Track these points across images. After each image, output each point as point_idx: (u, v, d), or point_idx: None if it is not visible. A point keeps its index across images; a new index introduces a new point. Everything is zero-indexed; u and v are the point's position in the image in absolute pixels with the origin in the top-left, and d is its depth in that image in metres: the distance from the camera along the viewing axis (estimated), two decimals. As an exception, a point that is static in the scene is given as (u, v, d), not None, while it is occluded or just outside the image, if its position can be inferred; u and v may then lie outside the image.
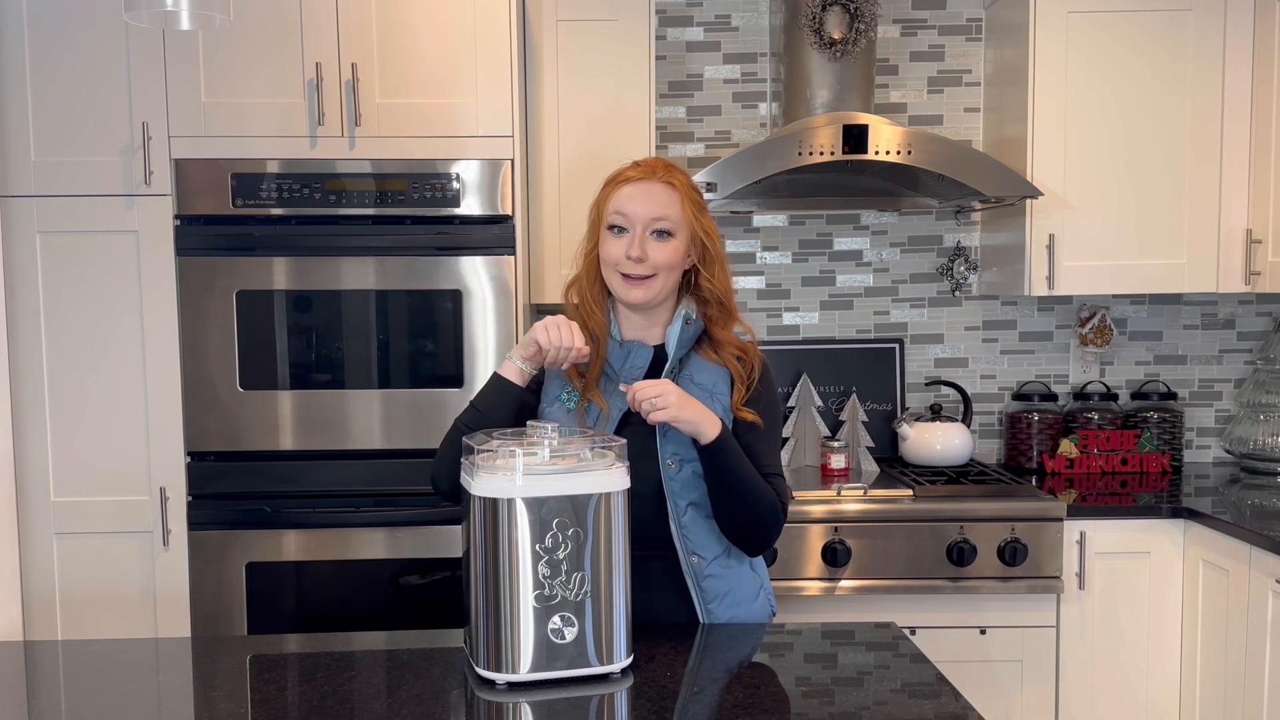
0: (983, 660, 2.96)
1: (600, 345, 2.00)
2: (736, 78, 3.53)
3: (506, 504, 1.64)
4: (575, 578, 1.65)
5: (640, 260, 1.94)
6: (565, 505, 1.64)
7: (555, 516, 1.64)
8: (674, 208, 1.96)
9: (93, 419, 2.81)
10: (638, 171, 1.98)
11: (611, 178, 2.02)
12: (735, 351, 2.02)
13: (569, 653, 1.66)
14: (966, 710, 1.60)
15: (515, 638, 1.65)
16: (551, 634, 1.65)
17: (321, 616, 2.84)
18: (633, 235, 1.95)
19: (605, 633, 1.68)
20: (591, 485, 1.66)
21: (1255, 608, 2.66)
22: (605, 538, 1.67)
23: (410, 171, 2.79)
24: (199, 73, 2.75)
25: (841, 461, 3.27)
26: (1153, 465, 3.41)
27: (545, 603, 1.65)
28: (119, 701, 1.74)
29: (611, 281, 1.99)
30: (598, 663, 1.68)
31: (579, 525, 1.65)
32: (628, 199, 1.96)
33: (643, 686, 1.69)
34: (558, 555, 1.65)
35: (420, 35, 2.78)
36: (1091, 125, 3.18)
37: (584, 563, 1.66)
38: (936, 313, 3.59)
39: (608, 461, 1.70)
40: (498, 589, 1.65)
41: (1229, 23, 3.14)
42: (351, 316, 2.81)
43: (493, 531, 1.65)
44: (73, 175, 2.76)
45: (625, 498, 1.70)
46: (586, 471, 1.67)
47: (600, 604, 1.67)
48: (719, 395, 1.98)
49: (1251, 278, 3.18)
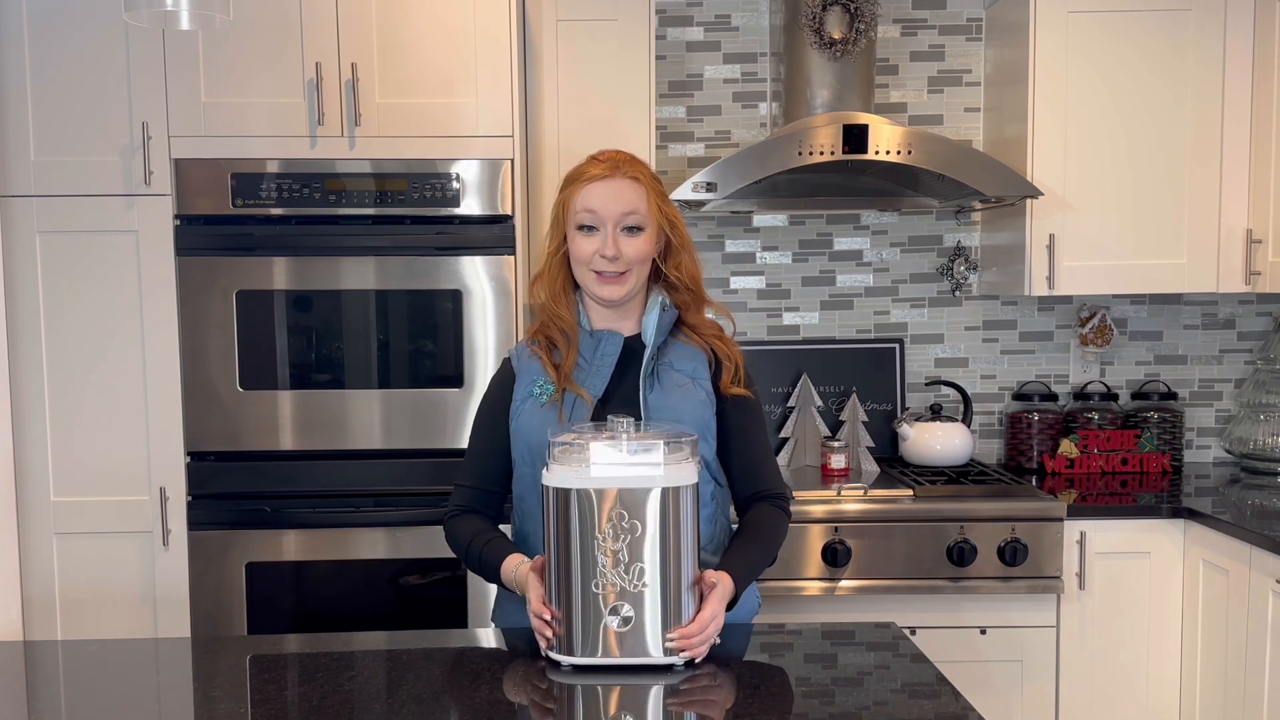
0: (983, 660, 2.95)
1: (571, 339, 1.99)
2: (736, 78, 3.53)
3: (573, 495, 1.69)
4: (634, 569, 1.69)
5: (615, 258, 1.93)
6: (626, 498, 1.68)
7: (615, 508, 1.68)
8: (641, 202, 1.95)
9: (93, 419, 2.81)
10: (601, 168, 1.96)
11: (574, 175, 1.99)
12: (714, 333, 2.03)
13: (628, 642, 1.70)
14: (966, 710, 1.60)
15: (579, 622, 1.70)
16: (611, 622, 1.69)
17: (321, 616, 2.84)
18: (604, 234, 1.93)
19: (671, 626, 1.71)
20: (653, 479, 1.69)
21: (1255, 608, 2.66)
22: (668, 531, 1.70)
23: (410, 171, 2.79)
24: (199, 73, 2.75)
25: (841, 461, 3.26)
26: (1153, 465, 3.41)
27: (604, 591, 1.69)
28: (119, 701, 1.74)
29: (585, 279, 1.97)
30: (660, 654, 1.71)
31: (637, 518, 1.68)
32: (595, 197, 1.94)
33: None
34: (616, 546, 1.68)
35: (420, 35, 2.78)
36: (1091, 125, 3.17)
37: (642, 554, 1.68)
38: (936, 313, 3.59)
39: (678, 456, 1.72)
40: (568, 576, 1.70)
41: (1229, 22, 3.14)
42: (351, 316, 2.81)
43: (564, 520, 1.70)
44: (73, 175, 2.76)
45: (693, 493, 1.72)
46: (652, 465, 1.70)
47: (661, 596, 1.69)
48: (700, 379, 1.98)
49: (1252, 278, 3.18)
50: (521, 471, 1.99)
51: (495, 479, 2.03)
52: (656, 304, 2.00)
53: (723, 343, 2.02)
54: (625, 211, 1.94)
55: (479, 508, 2.02)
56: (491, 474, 2.03)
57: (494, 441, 2.01)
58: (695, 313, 2.04)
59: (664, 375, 1.96)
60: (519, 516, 2.04)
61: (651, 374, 1.96)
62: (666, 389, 1.95)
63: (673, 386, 1.96)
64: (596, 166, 1.97)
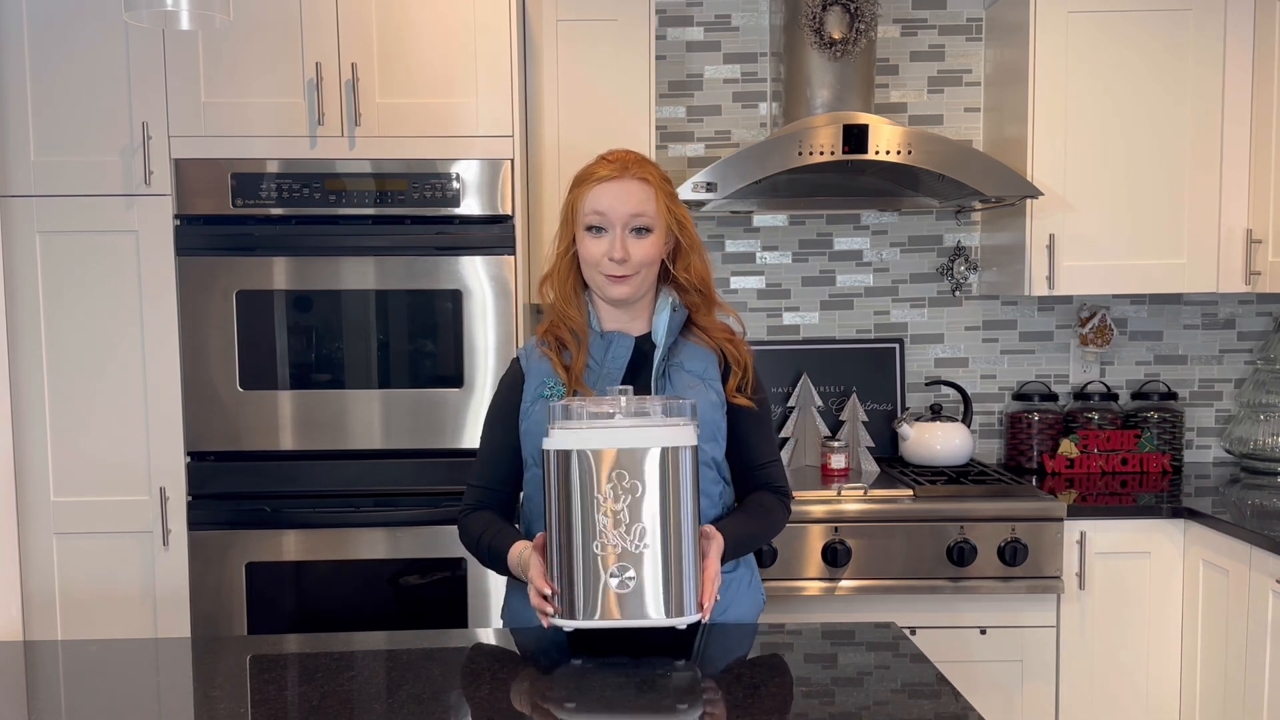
0: (983, 660, 2.95)
1: (582, 340, 1.98)
2: (736, 78, 3.53)
3: (572, 455, 1.69)
4: (635, 529, 1.68)
5: (624, 261, 1.92)
6: (625, 458, 1.68)
7: (615, 469, 1.68)
8: (650, 203, 1.94)
9: (93, 419, 2.81)
10: (610, 169, 1.95)
11: (583, 175, 1.98)
12: (725, 335, 2.03)
13: (630, 604, 1.69)
14: (966, 710, 1.60)
15: (580, 586, 1.70)
16: (611, 584, 1.69)
17: (321, 616, 2.84)
18: (613, 235, 1.93)
19: (673, 586, 1.70)
20: (651, 439, 1.69)
21: (1255, 608, 2.66)
22: (668, 491, 1.69)
23: (410, 171, 2.79)
24: (199, 73, 2.76)
25: (841, 461, 3.26)
26: (1153, 465, 3.41)
27: (605, 552, 1.69)
28: (119, 701, 1.74)
29: (595, 280, 1.97)
30: (661, 615, 1.70)
31: (637, 478, 1.68)
32: (604, 198, 1.93)
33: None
34: (617, 506, 1.68)
35: (420, 35, 2.78)
36: (1091, 125, 3.17)
37: (642, 514, 1.68)
38: (936, 313, 3.59)
39: (677, 419, 1.72)
40: (570, 539, 1.70)
41: (1229, 22, 3.14)
42: (351, 316, 2.81)
43: (564, 483, 1.70)
44: (73, 175, 2.76)
45: (692, 455, 1.72)
46: (650, 427, 1.70)
47: (662, 557, 1.69)
48: (710, 380, 1.98)
49: (1252, 278, 3.18)
50: (533, 472, 1.98)
51: (506, 479, 2.02)
52: (667, 305, 2.00)
53: (733, 345, 2.02)
54: (634, 213, 1.93)
55: (491, 506, 2.02)
56: (502, 474, 2.02)
57: (504, 442, 2.01)
58: (706, 314, 2.03)
59: (675, 376, 1.96)
60: (529, 517, 2.04)
61: (663, 375, 1.96)
62: (678, 390, 1.96)
63: (684, 388, 1.96)
64: (605, 167, 1.96)
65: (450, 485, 2.78)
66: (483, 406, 2.16)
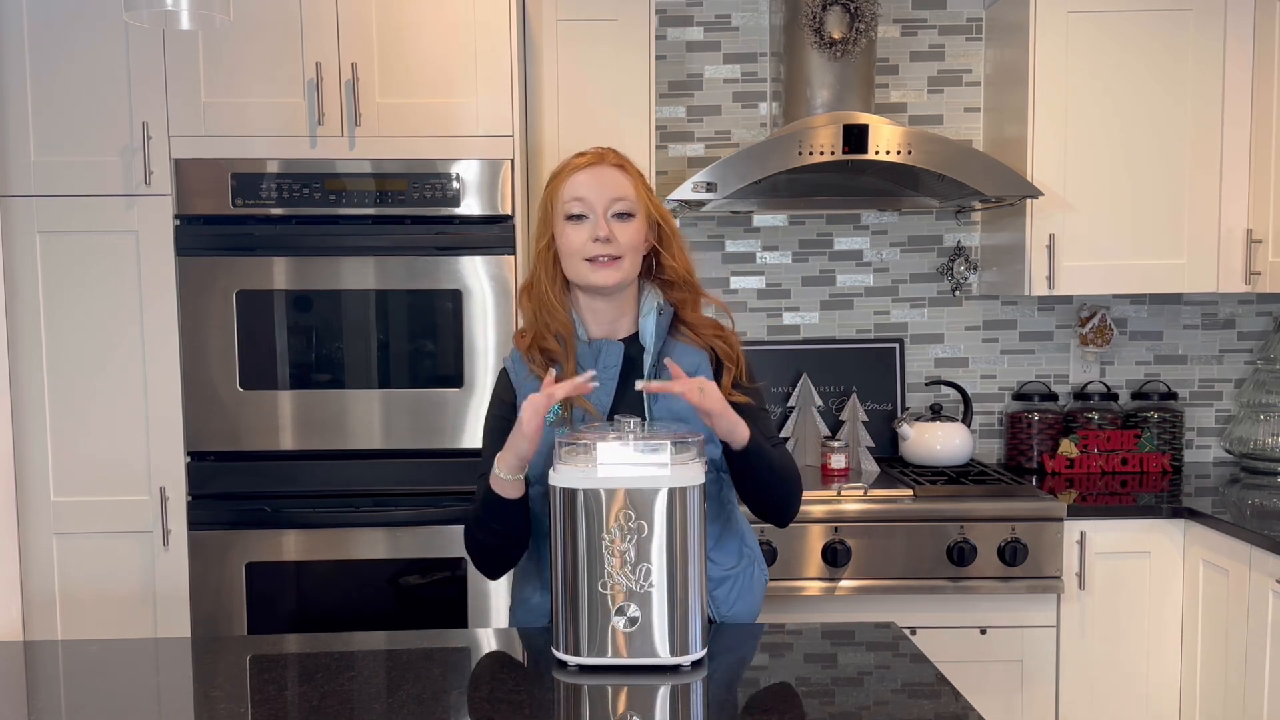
0: (983, 660, 2.95)
1: (569, 346, 1.94)
2: (736, 78, 3.53)
3: (579, 495, 1.69)
4: (641, 569, 1.69)
5: (609, 240, 1.90)
6: (632, 498, 1.68)
7: (622, 509, 1.68)
8: (629, 188, 1.93)
9: (93, 419, 2.81)
10: (587, 159, 1.95)
11: (559, 169, 1.97)
12: (714, 331, 2.00)
13: (636, 642, 1.70)
14: (966, 710, 1.60)
15: (585, 623, 1.70)
16: (618, 623, 1.69)
17: (321, 616, 2.84)
18: (595, 219, 1.90)
19: (677, 625, 1.70)
20: (660, 479, 1.68)
21: (1255, 608, 2.66)
22: (675, 531, 1.69)
23: (410, 171, 2.79)
24: (199, 73, 2.75)
25: (841, 461, 3.27)
26: (1153, 465, 3.41)
27: (611, 591, 1.69)
28: (119, 701, 1.74)
29: (578, 270, 1.92)
30: (667, 654, 1.70)
31: (644, 518, 1.68)
32: (584, 185, 1.92)
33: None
34: (623, 546, 1.68)
35: (420, 35, 2.78)
36: (1091, 125, 3.18)
37: (649, 554, 1.68)
38: (936, 313, 3.59)
39: (685, 456, 1.72)
40: (575, 576, 1.70)
41: (1229, 23, 3.14)
42: (351, 316, 2.81)
43: (570, 520, 1.70)
44: (73, 175, 2.76)
45: (700, 493, 1.71)
46: (659, 465, 1.69)
47: (668, 596, 1.69)
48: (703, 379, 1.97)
49: (1252, 278, 3.18)
50: (535, 489, 1.94)
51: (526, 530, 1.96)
52: (653, 309, 1.97)
53: (723, 340, 1.99)
54: (615, 197, 1.91)
55: None
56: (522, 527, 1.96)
57: (522, 510, 1.94)
58: (693, 308, 2.00)
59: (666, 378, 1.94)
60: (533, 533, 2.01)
61: (654, 379, 1.95)
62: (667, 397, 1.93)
63: None
64: (582, 157, 1.96)
65: (450, 485, 2.78)
66: (482, 406, 2.15)
